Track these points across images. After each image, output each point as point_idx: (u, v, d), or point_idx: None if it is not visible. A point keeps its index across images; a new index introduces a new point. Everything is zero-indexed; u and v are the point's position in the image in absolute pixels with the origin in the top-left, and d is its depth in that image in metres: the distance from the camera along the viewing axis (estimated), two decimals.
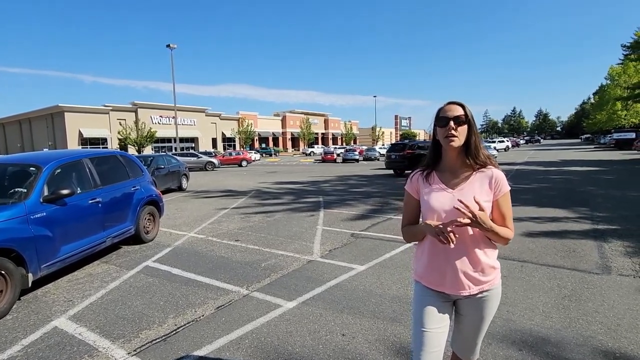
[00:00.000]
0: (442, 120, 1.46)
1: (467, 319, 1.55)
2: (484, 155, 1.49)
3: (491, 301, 1.52)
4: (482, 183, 1.47)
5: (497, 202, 1.48)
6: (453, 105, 1.48)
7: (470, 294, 1.48)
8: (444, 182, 1.52)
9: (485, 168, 1.49)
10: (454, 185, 1.50)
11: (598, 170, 15.19)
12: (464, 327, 1.57)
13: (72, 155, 4.69)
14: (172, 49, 29.59)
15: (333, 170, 21.42)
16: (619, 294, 3.28)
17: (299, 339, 2.69)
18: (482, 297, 1.50)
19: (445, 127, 1.44)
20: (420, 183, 1.57)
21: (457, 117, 1.44)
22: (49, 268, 3.76)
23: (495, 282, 1.51)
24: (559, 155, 26.88)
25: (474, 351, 1.62)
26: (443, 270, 1.48)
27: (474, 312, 1.52)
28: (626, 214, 6.56)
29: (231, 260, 4.64)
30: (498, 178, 1.47)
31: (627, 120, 44.52)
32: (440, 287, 1.51)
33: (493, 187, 1.47)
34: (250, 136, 52.94)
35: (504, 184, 1.48)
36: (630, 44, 30.29)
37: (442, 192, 1.49)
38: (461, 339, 1.61)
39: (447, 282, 1.49)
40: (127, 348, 2.65)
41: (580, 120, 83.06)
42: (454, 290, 1.49)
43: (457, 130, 1.43)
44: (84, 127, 38.61)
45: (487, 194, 1.46)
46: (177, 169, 13.09)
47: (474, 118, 1.48)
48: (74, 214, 4.16)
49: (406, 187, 1.63)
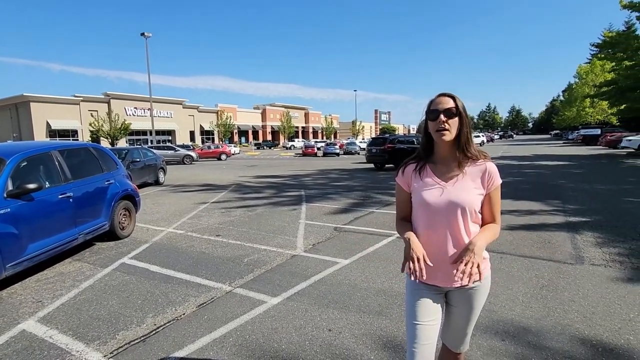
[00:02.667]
0: (432, 113, 1.43)
1: (458, 310, 1.55)
2: (474, 149, 1.47)
3: (481, 291, 1.53)
4: (475, 177, 1.46)
5: (488, 195, 1.47)
6: (444, 97, 1.44)
7: (461, 285, 1.48)
8: (437, 175, 1.49)
9: (478, 161, 1.47)
10: (447, 178, 1.47)
11: (568, 164, 15.89)
12: (454, 319, 1.58)
13: (40, 147, 4.40)
14: (147, 37, 28.43)
15: (314, 164, 21.36)
16: (592, 283, 3.42)
17: (285, 336, 2.64)
18: (473, 288, 1.51)
19: (436, 121, 1.41)
20: (412, 176, 1.53)
21: (448, 110, 1.41)
22: (14, 267, 3.52)
23: (485, 272, 1.51)
24: (531, 150, 27.93)
25: (464, 342, 1.62)
26: (435, 264, 1.47)
27: (464, 303, 1.53)
28: (595, 206, 6.87)
29: (212, 256, 4.51)
30: (491, 172, 1.46)
31: (593, 117, 46.77)
32: (432, 280, 1.50)
33: (486, 180, 1.46)
34: (229, 129, 51.92)
35: (496, 178, 1.47)
36: (598, 43, 31.66)
37: (435, 186, 1.47)
38: (452, 331, 1.61)
39: (440, 274, 1.48)
40: (103, 350, 2.52)
41: (551, 116, 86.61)
42: (446, 282, 1.49)
43: (449, 123, 1.40)
44: (52, 118, 36.70)
45: (480, 187, 1.46)
46: (153, 163, 12.66)
47: (465, 110, 1.45)
48: (42, 210, 3.91)
49: (397, 179, 1.59)
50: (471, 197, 1.44)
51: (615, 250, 4.32)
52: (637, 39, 22.02)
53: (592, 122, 45.65)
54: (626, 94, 24.66)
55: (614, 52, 24.71)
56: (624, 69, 24.08)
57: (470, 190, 1.44)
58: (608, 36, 25.01)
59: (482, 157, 1.47)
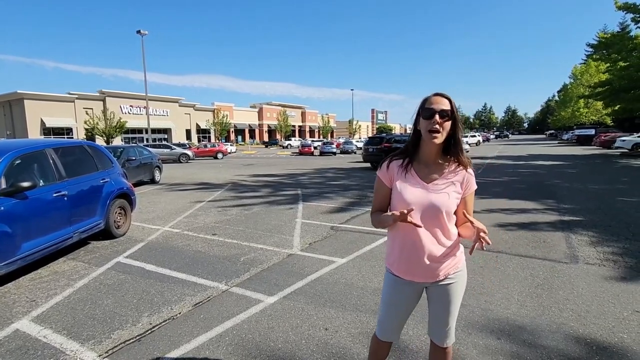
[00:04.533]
0: (427, 112, 1.42)
1: (438, 305, 1.61)
2: (464, 156, 1.50)
3: (459, 284, 1.59)
4: (455, 180, 1.50)
5: (464, 199, 1.53)
6: (440, 97, 1.43)
7: (438, 280, 1.55)
8: (419, 175, 1.51)
9: (460, 166, 1.51)
10: (429, 180, 1.50)
11: (562, 164, 16.01)
12: (436, 313, 1.63)
13: (34, 145, 4.35)
14: (143, 35, 28.23)
15: (311, 163, 21.34)
16: (587, 281, 3.45)
17: (281, 335, 2.63)
18: (450, 283, 1.57)
19: (430, 120, 1.41)
20: (395, 172, 1.55)
21: (443, 111, 1.40)
22: (8, 267, 3.48)
23: (459, 264, 1.58)
24: (526, 150, 28.10)
25: (449, 336, 1.65)
26: (413, 260, 1.53)
27: (443, 297, 1.59)
28: (589, 205, 6.93)
29: (209, 255, 4.50)
30: (469, 178, 1.53)
31: (587, 117, 47.14)
32: (409, 276, 1.57)
33: (464, 186, 1.52)
34: (225, 128, 51.74)
35: (472, 183, 1.54)
36: (593, 44, 31.90)
37: (417, 186, 1.49)
38: (435, 325, 1.65)
39: (417, 271, 1.54)
40: (97, 350, 2.50)
41: (546, 116, 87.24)
42: (423, 278, 1.55)
43: (442, 125, 1.40)
44: (47, 116, 36.34)
45: (458, 191, 1.51)
46: (149, 161, 12.57)
47: (458, 113, 1.46)
48: (36, 209, 3.87)
49: (379, 173, 1.60)
50: (451, 200, 1.48)
51: (609, 249, 4.36)
52: (631, 40, 22.21)
53: (587, 123, 46.03)
54: (620, 95, 24.88)
55: (609, 53, 24.91)
56: (618, 69, 24.28)
57: (450, 194, 1.48)
58: (603, 37, 25.20)
59: (466, 164, 1.51)
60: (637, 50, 21.60)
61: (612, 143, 24.23)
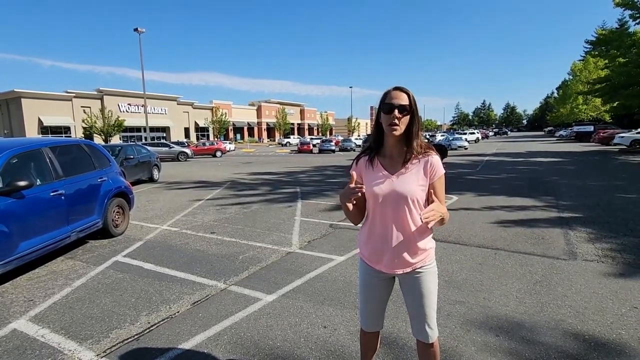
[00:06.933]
0: (387, 107, 1.48)
1: (409, 297, 1.65)
2: (420, 146, 1.54)
3: (428, 276, 1.60)
4: (418, 169, 1.54)
5: (432, 184, 1.54)
6: (400, 92, 1.49)
7: (404, 272, 1.58)
8: (385, 167, 1.57)
9: (423, 154, 1.54)
10: (393, 171, 1.55)
11: (561, 161, 16.03)
12: (410, 306, 1.66)
13: (30, 143, 4.33)
14: (140, 33, 28.07)
15: (309, 160, 21.33)
16: (585, 278, 3.45)
17: (280, 333, 2.63)
18: (418, 275, 1.59)
19: (390, 115, 1.47)
20: (363, 167, 1.62)
21: (402, 106, 1.47)
22: (5, 266, 3.47)
23: (427, 260, 1.60)
24: (525, 147, 28.13)
25: (430, 330, 1.62)
26: (380, 251, 1.58)
27: (413, 288, 1.62)
28: (588, 202, 6.94)
29: (207, 254, 4.49)
30: (434, 163, 1.54)
31: (586, 114, 47.19)
32: (377, 265, 1.62)
33: (429, 171, 1.53)
34: (224, 126, 51.61)
35: (439, 168, 1.55)
36: (592, 41, 31.87)
37: (383, 178, 1.55)
38: (413, 320, 1.66)
39: (384, 261, 1.59)
40: (96, 349, 2.49)
41: (545, 113, 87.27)
42: (389, 269, 1.60)
43: (401, 119, 1.46)
44: (44, 115, 36.16)
45: (423, 179, 1.53)
46: (147, 160, 12.53)
47: (417, 106, 1.51)
48: (34, 208, 3.86)
49: (351, 170, 1.65)
50: (413, 188, 1.51)
51: (608, 245, 4.37)
52: (630, 36, 22.21)
53: (586, 119, 46.09)
54: (619, 91, 24.90)
55: (608, 50, 24.91)
56: (617, 66, 24.30)
57: (412, 182, 1.52)
58: (601, 34, 25.18)
59: (426, 151, 1.54)
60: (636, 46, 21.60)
61: (611, 139, 24.25)
